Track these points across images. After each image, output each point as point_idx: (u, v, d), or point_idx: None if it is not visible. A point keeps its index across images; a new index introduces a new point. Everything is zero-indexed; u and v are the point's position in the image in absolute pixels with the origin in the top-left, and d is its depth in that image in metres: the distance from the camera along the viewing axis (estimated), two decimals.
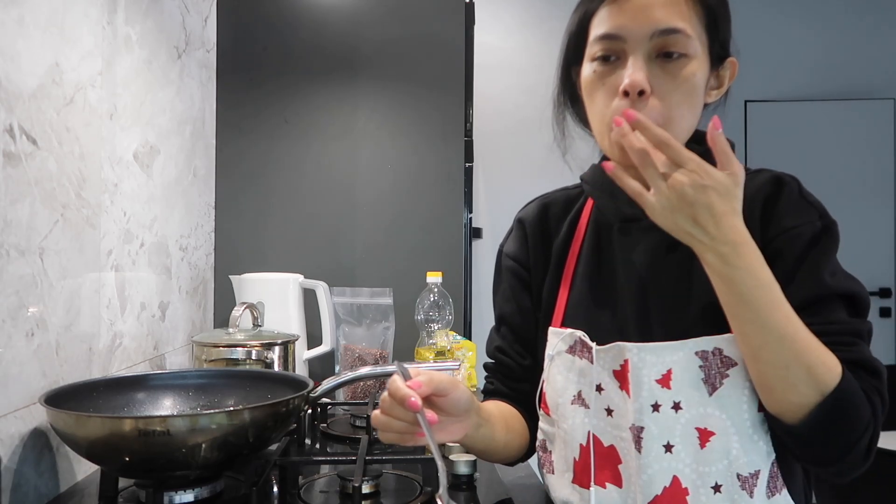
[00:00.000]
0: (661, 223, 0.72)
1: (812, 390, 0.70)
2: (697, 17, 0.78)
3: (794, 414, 0.72)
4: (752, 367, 0.73)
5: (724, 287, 0.72)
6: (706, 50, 0.80)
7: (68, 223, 1.02)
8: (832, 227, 0.79)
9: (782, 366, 0.70)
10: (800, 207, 0.79)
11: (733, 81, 0.86)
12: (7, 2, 0.87)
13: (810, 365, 0.70)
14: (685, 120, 0.79)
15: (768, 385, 0.72)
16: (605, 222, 0.90)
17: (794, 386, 0.71)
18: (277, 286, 1.66)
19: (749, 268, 0.70)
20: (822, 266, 0.76)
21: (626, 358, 0.79)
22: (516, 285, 0.97)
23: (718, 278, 0.72)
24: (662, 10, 0.76)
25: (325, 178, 1.84)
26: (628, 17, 0.77)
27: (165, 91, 1.44)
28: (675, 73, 0.77)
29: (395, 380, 0.73)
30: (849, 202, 3.45)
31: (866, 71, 3.86)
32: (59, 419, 0.84)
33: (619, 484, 0.80)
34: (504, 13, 3.41)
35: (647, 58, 0.77)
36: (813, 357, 0.71)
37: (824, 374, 0.71)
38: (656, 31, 0.76)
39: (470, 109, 1.91)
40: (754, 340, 0.71)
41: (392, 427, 0.74)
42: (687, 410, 0.76)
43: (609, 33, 0.78)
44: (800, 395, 0.71)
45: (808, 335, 0.71)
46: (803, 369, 0.70)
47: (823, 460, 0.74)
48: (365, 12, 1.85)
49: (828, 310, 0.76)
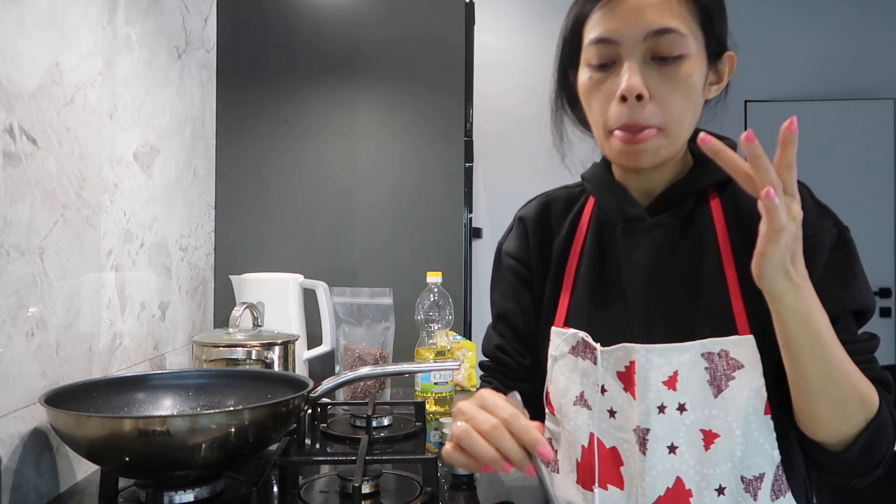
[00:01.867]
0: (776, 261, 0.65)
1: (862, 419, 0.71)
2: (691, 14, 0.78)
3: (843, 442, 0.72)
4: (810, 404, 0.71)
5: (799, 324, 0.68)
6: (702, 47, 0.79)
7: (68, 223, 1.02)
8: (846, 232, 0.79)
9: (841, 400, 0.70)
10: (815, 215, 0.78)
11: (733, 76, 0.85)
12: (7, 2, 0.87)
13: (862, 395, 0.71)
14: (686, 120, 0.79)
15: (823, 419, 0.72)
16: (607, 221, 0.89)
17: (849, 417, 0.71)
18: (277, 286, 1.66)
19: (817, 305, 0.68)
20: (844, 279, 0.76)
21: (633, 359, 0.78)
22: (517, 284, 0.96)
23: (797, 317, 0.67)
24: (654, 10, 0.76)
25: (325, 178, 1.84)
26: (620, 20, 0.76)
27: (165, 91, 1.44)
28: (672, 75, 0.76)
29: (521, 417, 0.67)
30: (849, 202, 3.43)
31: (866, 71, 3.86)
32: (59, 419, 0.84)
33: (620, 486, 0.79)
34: (504, 13, 3.41)
35: (642, 60, 0.76)
36: (863, 387, 0.71)
37: (872, 401, 0.71)
38: (649, 32, 0.75)
39: (470, 109, 1.91)
40: (821, 377, 0.69)
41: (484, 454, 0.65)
42: (692, 412, 0.76)
43: (602, 37, 0.78)
44: (852, 426, 0.71)
45: (853, 365, 0.71)
46: (857, 401, 0.71)
47: (856, 475, 0.75)
48: (365, 12, 1.85)
49: (848, 326, 0.76)
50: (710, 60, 0.81)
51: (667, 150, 0.79)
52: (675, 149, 0.81)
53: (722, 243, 0.81)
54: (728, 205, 0.82)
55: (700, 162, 0.85)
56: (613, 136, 0.79)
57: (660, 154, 0.79)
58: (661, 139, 0.77)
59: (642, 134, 0.77)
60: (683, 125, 0.79)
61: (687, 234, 0.83)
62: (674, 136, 0.78)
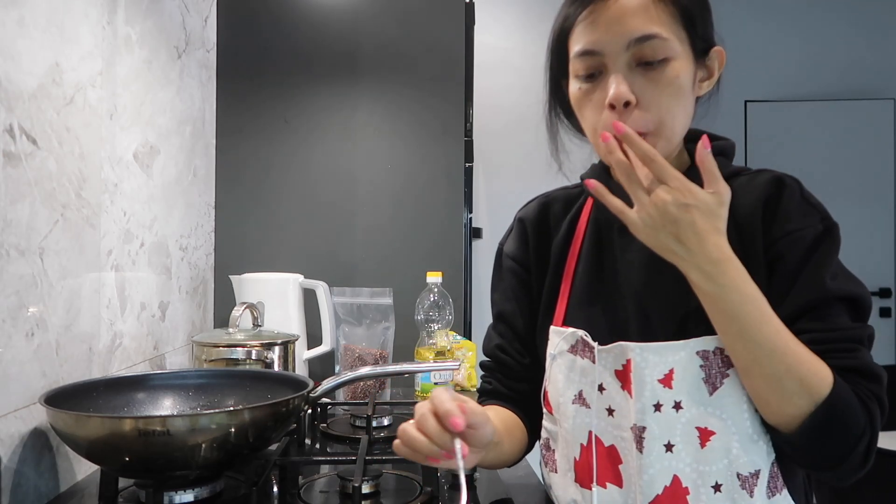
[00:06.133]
0: (644, 239, 0.74)
1: (805, 401, 0.71)
2: (671, 17, 0.78)
3: (790, 424, 0.73)
4: (746, 382, 0.74)
5: (711, 304, 0.73)
6: (687, 47, 0.80)
7: (68, 223, 1.02)
8: (834, 229, 0.79)
9: (775, 379, 0.72)
10: (801, 209, 0.79)
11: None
12: (7, 2, 0.87)
13: (802, 376, 0.71)
14: (677, 121, 0.80)
15: (763, 398, 0.74)
16: (605, 221, 0.90)
17: (788, 398, 0.72)
18: (277, 286, 1.66)
19: (734, 284, 0.71)
20: (824, 270, 0.76)
21: (629, 358, 0.79)
22: (516, 285, 0.97)
23: (704, 296, 0.73)
24: (634, 18, 0.77)
25: (325, 178, 1.84)
26: (602, 30, 0.78)
27: (165, 91, 1.44)
28: (658, 79, 0.78)
29: (441, 393, 0.70)
30: (849, 202, 3.46)
31: (866, 71, 3.86)
32: (59, 419, 0.84)
33: (619, 484, 0.80)
34: (504, 13, 3.41)
35: (628, 68, 0.78)
36: (804, 369, 0.71)
37: (817, 384, 0.71)
38: (632, 40, 0.77)
39: (470, 109, 1.91)
40: (745, 356, 0.72)
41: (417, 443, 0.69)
42: (687, 410, 0.76)
43: (587, 49, 0.79)
44: (794, 406, 0.72)
45: (798, 346, 0.72)
46: (795, 381, 0.71)
47: (821, 465, 0.75)
48: (365, 12, 1.85)
49: (829, 315, 0.76)
50: (697, 59, 0.81)
51: (661, 151, 0.80)
52: (670, 149, 0.82)
53: None
54: None
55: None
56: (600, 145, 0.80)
57: None
58: (653, 140, 0.79)
59: None
60: (675, 125, 0.80)
61: None
62: (667, 137, 0.79)
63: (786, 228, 0.78)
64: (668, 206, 0.70)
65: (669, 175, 0.71)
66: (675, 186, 0.70)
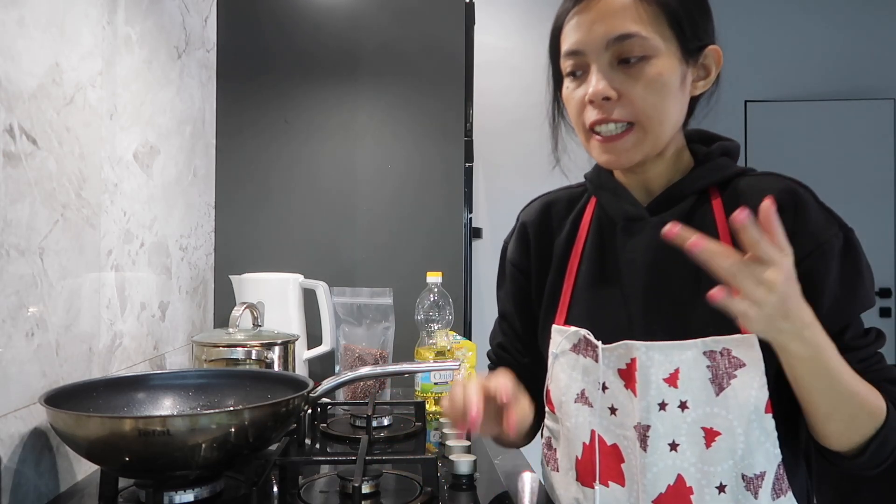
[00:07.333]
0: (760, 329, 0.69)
1: (870, 428, 0.75)
2: (654, 16, 0.79)
3: (852, 447, 0.76)
4: (821, 425, 0.75)
5: (802, 365, 0.72)
6: (674, 45, 0.80)
7: (68, 223, 1.02)
8: (851, 235, 0.80)
9: (851, 417, 0.74)
10: (822, 220, 0.80)
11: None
12: (7, 2, 0.87)
13: (870, 410, 0.74)
14: (664, 117, 0.80)
15: (834, 435, 0.76)
16: (608, 221, 0.90)
17: (857, 429, 0.75)
18: (277, 286, 1.65)
19: (825, 343, 0.72)
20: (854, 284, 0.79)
21: (634, 356, 0.79)
22: (516, 291, 0.99)
23: (800, 361, 0.71)
24: (614, 18, 0.79)
25: (325, 178, 1.84)
26: (584, 30, 0.80)
27: (165, 91, 1.44)
28: (638, 76, 0.79)
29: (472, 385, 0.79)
30: (849, 202, 3.42)
31: (866, 71, 3.86)
32: (59, 419, 0.84)
33: (622, 483, 0.80)
34: (504, 13, 3.41)
35: (609, 66, 0.80)
36: (870, 402, 0.74)
37: (878, 411, 0.75)
38: (611, 39, 0.78)
39: (470, 109, 1.91)
40: (829, 404, 0.74)
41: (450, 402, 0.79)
42: (693, 410, 0.76)
43: (571, 49, 0.82)
44: (860, 435, 0.75)
45: (860, 381, 0.74)
46: (866, 415, 0.74)
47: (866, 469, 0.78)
48: (365, 12, 1.85)
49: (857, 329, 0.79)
50: (688, 58, 0.81)
51: (647, 146, 0.81)
52: (656, 144, 0.82)
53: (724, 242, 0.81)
54: (730, 204, 0.83)
55: (700, 162, 0.86)
56: (593, 139, 0.83)
57: (640, 150, 0.81)
58: (637, 134, 0.80)
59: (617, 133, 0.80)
60: (662, 120, 0.80)
61: None
62: (652, 132, 0.80)
63: (814, 242, 0.78)
64: (780, 286, 0.66)
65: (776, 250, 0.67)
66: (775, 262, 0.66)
